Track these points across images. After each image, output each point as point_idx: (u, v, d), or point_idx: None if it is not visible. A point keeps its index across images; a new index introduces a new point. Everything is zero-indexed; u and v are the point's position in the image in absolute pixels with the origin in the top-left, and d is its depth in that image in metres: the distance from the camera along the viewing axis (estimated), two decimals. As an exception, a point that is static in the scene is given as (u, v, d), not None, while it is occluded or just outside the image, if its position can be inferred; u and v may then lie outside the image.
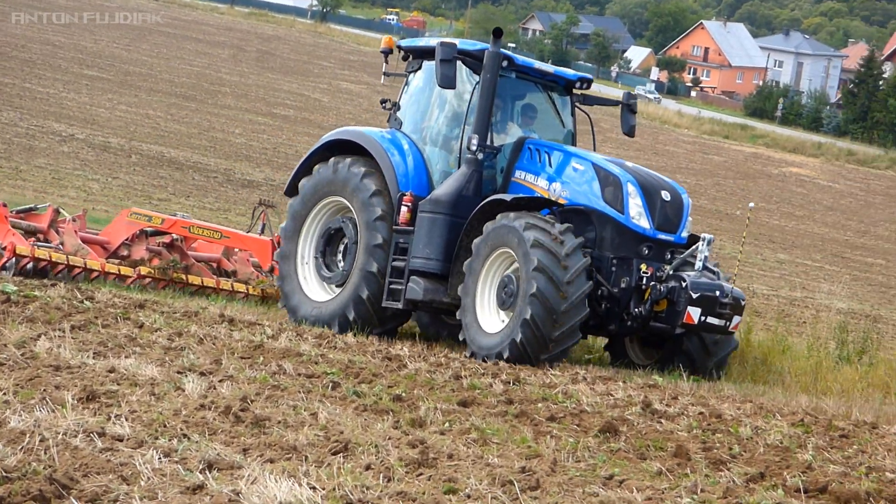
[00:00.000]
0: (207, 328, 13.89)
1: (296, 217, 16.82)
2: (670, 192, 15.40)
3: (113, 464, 7.41)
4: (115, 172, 38.41)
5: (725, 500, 8.97)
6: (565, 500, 8.15)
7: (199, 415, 9.19)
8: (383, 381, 12.03)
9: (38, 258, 16.49)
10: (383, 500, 7.43)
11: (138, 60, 78.42)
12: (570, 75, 17.04)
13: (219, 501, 6.93)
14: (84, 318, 13.22)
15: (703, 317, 14.35)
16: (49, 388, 9.39)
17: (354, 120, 69.14)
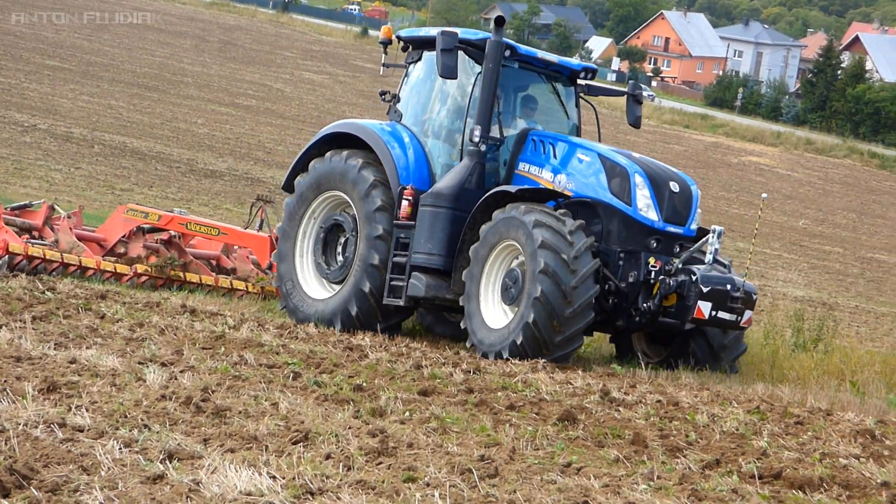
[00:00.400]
0: (169, 319, 13.88)
1: (293, 214, 16.52)
2: (679, 184, 15.01)
3: (73, 454, 7.43)
4: (77, 163, 38.29)
5: (681, 487, 9.03)
6: (523, 487, 8.18)
7: (159, 405, 9.21)
8: (344, 371, 12.06)
9: (31, 256, 16.37)
10: (343, 488, 7.45)
11: (100, 51, 78.17)
12: (575, 65, 16.69)
13: (179, 491, 6.94)
14: (45, 309, 13.21)
15: (713, 311, 13.99)
16: (10, 380, 9.39)
17: (319, 110, 69.17)
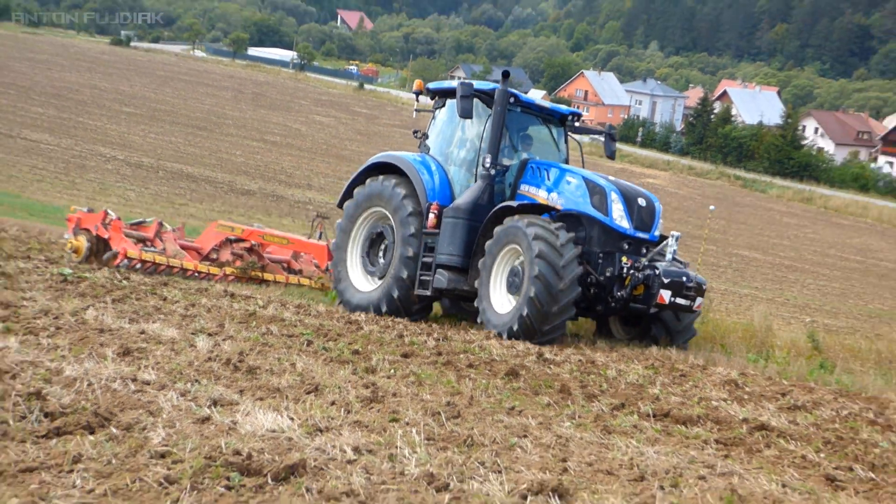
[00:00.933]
0: (214, 300, 13.83)
1: (344, 228, 16.33)
2: (645, 200, 14.76)
3: (142, 402, 7.43)
4: (146, 184, 38.17)
5: (596, 423, 9.07)
6: (479, 425, 8.20)
7: (206, 365, 9.20)
8: (345, 339, 12.04)
9: (143, 260, 16.32)
10: (343, 427, 7.46)
11: (163, 100, 77.89)
12: (564, 111, 16.59)
13: (221, 429, 6.95)
14: (122, 293, 13.16)
15: (672, 298, 13.87)
16: (95, 346, 9.37)
17: (327, 145, 69.07)
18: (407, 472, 6.45)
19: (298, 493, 5.83)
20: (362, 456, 6.72)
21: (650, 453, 7.93)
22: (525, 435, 8.07)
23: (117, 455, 6.16)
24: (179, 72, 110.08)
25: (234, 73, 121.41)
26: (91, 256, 16.57)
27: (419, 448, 7.07)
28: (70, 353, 8.88)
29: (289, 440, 6.84)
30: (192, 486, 5.76)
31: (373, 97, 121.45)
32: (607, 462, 7.45)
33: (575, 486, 6.59)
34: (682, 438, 8.91)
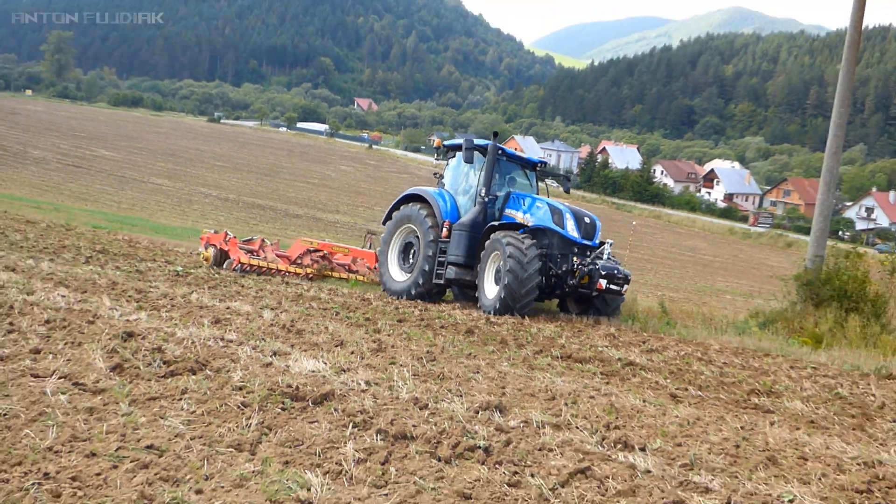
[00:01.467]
0: (274, 286, 13.75)
1: (386, 240, 16.01)
2: (589, 218, 14.40)
3: (227, 353, 7.35)
4: (231, 212, 38.01)
5: (524, 363, 9.04)
6: (447, 365, 8.16)
7: (269, 329, 9.12)
8: (361, 311, 11.96)
9: (251, 264, 16.32)
10: (359, 368, 7.40)
11: (241, 157, 77.73)
12: (535, 160, 16.25)
13: (279, 371, 6.87)
14: (215, 283, 13.07)
15: (608, 284, 13.53)
16: (196, 317, 9.28)
17: (348, 185, 69.02)
18: (400, 397, 6.41)
19: (329, 412, 5.79)
20: (371, 387, 6.67)
21: (559, 382, 7.92)
22: (478, 371, 8.04)
23: (210, 388, 6.12)
24: (252, 139, 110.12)
25: (288, 139, 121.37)
26: (216, 263, 16.49)
27: (408, 381, 7.03)
28: (180, 322, 8.80)
29: (323, 377, 6.78)
30: (260, 408, 5.72)
31: (378, 154, 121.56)
32: (531, 388, 7.43)
33: (510, 404, 6.57)
34: (579, 372, 8.90)
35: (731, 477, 5.20)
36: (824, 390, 9.23)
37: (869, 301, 14.13)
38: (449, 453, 5.12)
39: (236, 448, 4.94)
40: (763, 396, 8.53)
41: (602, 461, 5.26)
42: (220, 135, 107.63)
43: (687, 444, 5.88)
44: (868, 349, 12.95)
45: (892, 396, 9.14)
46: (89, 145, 62.76)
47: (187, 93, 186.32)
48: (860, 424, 7.48)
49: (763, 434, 6.51)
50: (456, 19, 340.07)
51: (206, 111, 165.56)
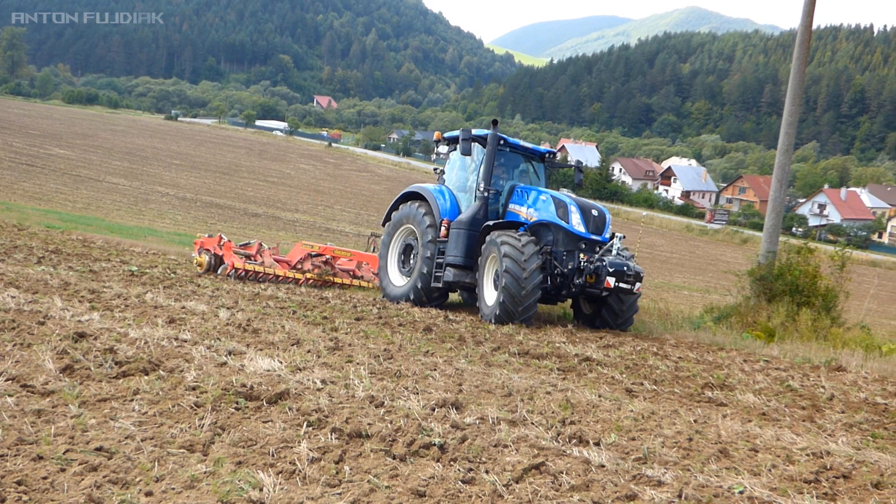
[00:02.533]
0: (230, 286, 13.60)
1: (386, 240, 15.09)
2: (597, 211, 13.19)
3: (181, 353, 7.25)
4: (188, 211, 37.58)
5: (481, 360, 9.04)
6: (405, 363, 8.13)
7: (225, 328, 9.02)
8: (318, 309, 11.87)
9: (247, 269, 15.38)
10: (315, 367, 7.35)
11: (199, 156, 76.97)
12: (543, 150, 14.92)
13: (234, 370, 6.80)
14: (170, 282, 12.90)
15: (617, 283, 12.34)
16: (150, 317, 9.15)
17: (308, 183, 68.61)
18: (356, 396, 6.38)
19: (283, 411, 5.74)
20: (327, 385, 6.63)
21: (515, 378, 7.94)
22: (435, 368, 8.02)
23: (163, 389, 6.04)
24: (210, 137, 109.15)
25: (247, 137, 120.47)
26: (210, 270, 15.68)
27: (365, 379, 7.00)
28: (134, 322, 8.67)
29: (278, 376, 6.72)
30: (213, 408, 5.65)
31: (337, 152, 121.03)
32: (488, 385, 7.43)
33: (467, 400, 6.56)
34: (536, 368, 8.93)
35: (684, 470, 5.25)
36: (776, 383, 9.38)
37: (820, 295, 14.36)
38: (404, 451, 5.11)
39: (188, 449, 4.88)
40: (716, 390, 8.63)
41: (557, 456, 5.28)
42: (177, 133, 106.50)
43: (641, 438, 5.92)
44: (819, 342, 13.18)
45: (841, 388, 9.30)
46: (43, 143, 61.66)
47: (144, 90, 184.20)
48: (810, 416, 7.60)
49: (716, 427, 6.58)
50: (416, 17, 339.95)
51: (163, 109, 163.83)
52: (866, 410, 8.10)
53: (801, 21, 15.69)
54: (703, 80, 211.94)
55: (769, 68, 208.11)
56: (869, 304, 20.82)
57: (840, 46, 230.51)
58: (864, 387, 9.51)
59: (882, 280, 47.19)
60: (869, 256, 78.72)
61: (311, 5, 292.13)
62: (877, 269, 63.37)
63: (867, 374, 10.49)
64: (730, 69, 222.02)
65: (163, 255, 17.24)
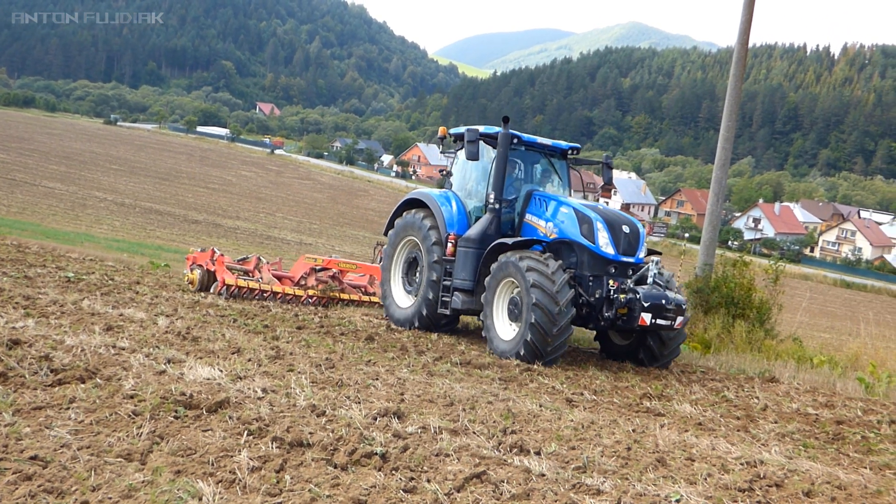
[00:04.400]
0: (170, 294, 13.36)
1: (388, 254, 13.29)
2: (629, 226, 11.08)
3: (119, 361, 7.12)
4: (127, 217, 36.93)
5: (423, 369, 9.03)
6: (347, 372, 8.10)
7: (164, 336, 8.87)
8: (259, 317, 11.73)
9: (240, 286, 13.86)
10: (256, 376, 7.28)
11: (139, 161, 75.79)
12: (564, 146, 12.85)
13: (173, 379, 6.70)
14: (108, 289, 12.63)
15: (653, 319, 10.36)
16: (87, 324, 8.96)
17: (250, 190, 67.97)
18: (298, 405, 6.34)
19: (223, 419, 5.68)
20: (268, 394, 6.58)
21: (458, 388, 7.96)
22: (377, 378, 8.01)
23: (100, 397, 5.93)
24: (150, 142, 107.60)
25: (188, 143, 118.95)
26: (203, 287, 14.21)
27: (306, 388, 6.96)
28: (70, 329, 8.48)
29: (218, 385, 6.65)
30: (151, 417, 5.57)
31: (279, 159, 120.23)
32: (430, 394, 7.45)
33: (409, 410, 6.57)
34: (478, 377, 8.97)
35: (622, 479, 5.33)
36: (712, 393, 9.57)
37: (754, 308, 14.67)
38: (345, 460, 5.09)
39: (126, 458, 4.80)
40: (654, 400, 8.77)
41: (498, 465, 5.32)
42: (116, 137, 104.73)
43: (581, 448, 5.99)
44: (753, 353, 13.47)
45: (774, 399, 9.53)
46: (-24, 146, 60.09)
47: (82, 94, 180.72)
48: (744, 426, 7.78)
49: (653, 436, 6.68)
50: (360, 26, 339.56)
51: (102, 113, 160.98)
52: (798, 421, 8.31)
53: (737, 39, 16.07)
54: (643, 94, 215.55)
55: (707, 84, 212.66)
56: (801, 317, 21.36)
57: (775, 64, 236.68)
58: (795, 397, 9.76)
59: (813, 293, 48.45)
60: (801, 270, 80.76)
61: (255, 12, 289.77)
62: (808, 283, 65.09)
63: (799, 385, 10.76)
64: (669, 84, 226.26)
65: (100, 261, 16.88)
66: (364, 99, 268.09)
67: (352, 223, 57.14)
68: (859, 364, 13.21)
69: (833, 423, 8.27)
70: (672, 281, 11.12)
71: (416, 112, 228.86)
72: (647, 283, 10.69)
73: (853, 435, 7.78)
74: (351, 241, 43.54)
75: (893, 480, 6.10)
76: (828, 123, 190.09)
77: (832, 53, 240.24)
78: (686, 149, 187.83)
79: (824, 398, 9.84)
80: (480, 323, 12.47)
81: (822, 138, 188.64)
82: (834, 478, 5.85)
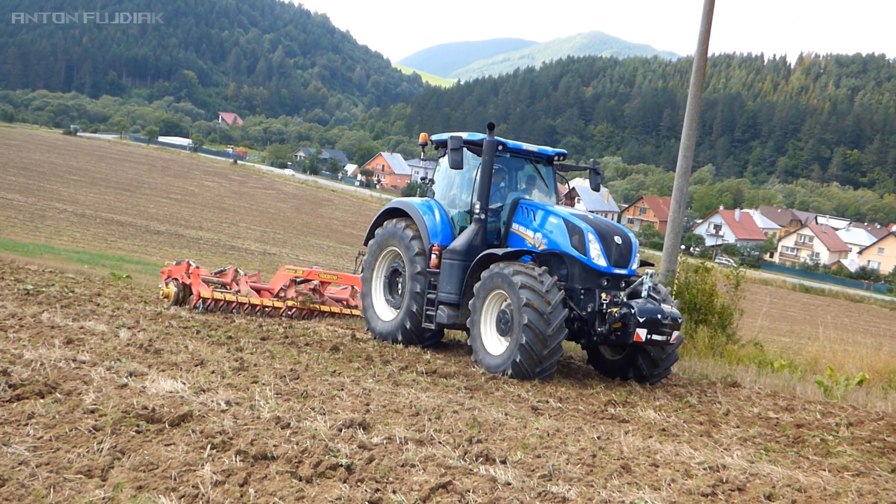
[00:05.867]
0: (131, 305, 13.18)
1: (368, 265, 12.77)
2: (622, 237, 10.62)
3: (79, 375, 7.02)
4: (87, 228, 36.47)
5: (389, 379, 9.00)
6: (312, 383, 8.05)
7: (126, 348, 8.75)
8: (223, 328, 11.61)
9: (216, 299, 13.50)
10: (220, 388, 7.20)
11: (99, 171, 74.92)
12: (551, 152, 12.35)
13: (135, 392, 6.62)
14: (68, 301, 12.44)
15: (649, 335, 9.93)
16: (47, 337, 8.82)
17: (212, 201, 67.43)
18: (262, 417, 6.28)
19: (186, 433, 5.62)
20: (232, 407, 6.51)
21: (423, 397, 7.95)
22: (342, 389, 7.97)
23: (60, 412, 5.83)
24: (111, 152, 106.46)
25: (149, 153, 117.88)
26: (179, 301, 13.89)
27: (271, 400, 6.90)
28: (29, 343, 8.34)
29: (181, 398, 6.57)
30: (113, 432, 5.49)
31: (243, 169, 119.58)
32: (396, 404, 7.42)
33: (374, 421, 6.54)
34: (444, 387, 8.95)
35: (588, 486, 5.34)
36: (675, 399, 9.65)
37: (716, 313, 14.82)
38: (310, 472, 5.05)
39: (86, 474, 4.72)
40: (619, 406, 8.82)
41: (464, 475, 5.30)
42: (76, 148, 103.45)
43: (546, 456, 6.00)
44: (715, 359, 13.60)
45: (735, 404, 9.63)
46: (-68, 157, 59.07)
47: (41, 104, 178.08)
48: (707, 431, 7.84)
49: (618, 443, 6.72)
50: (323, 35, 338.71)
51: (61, 123, 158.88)
52: (759, 425, 8.40)
53: (697, 49, 16.26)
54: (605, 103, 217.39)
55: (668, 93, 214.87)
56: (761, 322, 21.62)
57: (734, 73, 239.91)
58: (757, 402, 9.87)
59: (773, 298, 49.09)
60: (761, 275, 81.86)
61: (217, 21, 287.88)
62: (768, 288, 65.95)
63: (760, 389, 10.88)
64: (631, 93, 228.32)
65: (60, 273, 16.63)
66: (328, 108, 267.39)
67: (316, 232, 56.89)
68: (818, 367, 13.40)
69: (793, 427, 8.37)
70: (667, 294, 10.68)
71: (379, 121, 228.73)
72: (642, 297, 10.24)
73: (813, 438, 7.89)
74: (315, 251, 43.37)
75: (852, 482, 6.18)
76: (785, 131, 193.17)
77: (788, 63, 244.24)
78: (648, 157, 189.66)
79: (785, 402, 9.96)
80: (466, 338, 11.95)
81: (779, 146, 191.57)
82: (794, 481, 5.92)
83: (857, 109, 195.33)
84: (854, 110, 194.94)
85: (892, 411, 9.76)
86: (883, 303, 76.02)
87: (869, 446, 7.69)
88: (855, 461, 7.01)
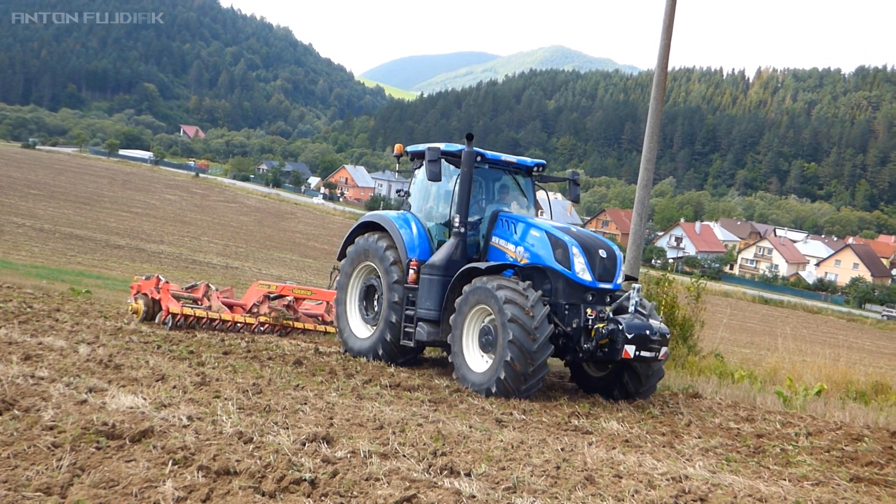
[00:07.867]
0: (91, 321, 13.01)
1: (342, 283, 12.38)
2: (606, 251, 10.30)
3: (38, 391, 6.91)
4: (46, 242, 35.89)
5: (352, 393, 8.96)
6: (274, 397, 8.00)
7: (85, 364, 8.63)
8: (184, 343, 11.49)
9: (186, 315, 13.27)
10: (181, 403, 7.12)
11: (59, 185, 73.92)
12: (530, 163, 11.91)
13: (94, 408, 6.53)
14: (26, 317, 12.25)
15: (637, 351, 9.60)
16: (4, 354, 8.68)
17: (174, 214, 66.81)
18: (224, 432, 6.23)
19: (147, 449, 5.55)
20: (193, 422, 6.45)
21: (387, 410, 7.92)
22: (306, 402, 7.92)
23: (18, 429, 5.73)
24: (71, 166, 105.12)
25: (110, 167, 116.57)
26: (148, 318, 13.70)
27: (233, 415, 6.85)
28: (-15, 360, 8.20)
29: (142, 413, 6.49)
30: (72, 448, 5.41)
31: (204, 182, 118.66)
32: (359, 418, 7.39)
33: (338, 434, 6.51)
34: (408, 400, 8.93)
35: (552, 498, 5.36)
36: (638, 410, 9.72)
37: (678, 325, 14.97)
38: (274, 487, 5.02)
39: (45, 492, 4.64)
40: (583, 418, 8.86)
41: (428, 488, 5.30)
42: (35, 161, 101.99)
43: (511, 468, 6.02)
44: (677, 370, 13.73)
45: (697, 414, 9.72)
46: None
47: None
48: (669, 442, 7.91)
49: (582, 454, 6.75)
50: (286, 48, 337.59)
51: (20, 136, 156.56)
52: (721, 435, 8.50)
53: (657, 62, 16.46)
54: (567, 116, 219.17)
55: (629, 106, 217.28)
56: (722, 333, 21.87)
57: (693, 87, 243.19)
58: (718, 412, 9.97)
59: (733, 310, 49.66)
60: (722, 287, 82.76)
61: (178, 34, 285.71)
62: (728, 300, 66.71)
63: (721, 400, 11.01)
64: (592, 106, 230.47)
65: (18, 288, 16.37)
66: (290, 121, 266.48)
67: (279, 246, 56.54)
68: (777, 378, 13.59)
69: (754, 437, 8.48)
70: (652, 309, 10.38)
71: (343, 134, 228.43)
72: (629, 312, 9.95)
73: (773, 448, 7.99)
74: (279, 264, 43.09)
75: (811, 491, 6.27)
76: (744, 144, 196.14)
77: (747, 77, 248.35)
78: (610, 170, 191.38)
79: (745, 412, 10.08)
80: (446, 356, 11.57)
81: (739, 159, 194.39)
82: (755, 490, 5.99)
83: (814, 123, 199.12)
84: (811, 124, 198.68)
85: (850, 421, 9.93)
86: (840, 314, 77.31)
87: (828, 455, 7.81)
88: (814, 470, 7.11)
